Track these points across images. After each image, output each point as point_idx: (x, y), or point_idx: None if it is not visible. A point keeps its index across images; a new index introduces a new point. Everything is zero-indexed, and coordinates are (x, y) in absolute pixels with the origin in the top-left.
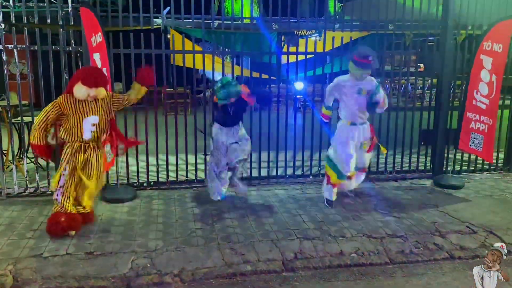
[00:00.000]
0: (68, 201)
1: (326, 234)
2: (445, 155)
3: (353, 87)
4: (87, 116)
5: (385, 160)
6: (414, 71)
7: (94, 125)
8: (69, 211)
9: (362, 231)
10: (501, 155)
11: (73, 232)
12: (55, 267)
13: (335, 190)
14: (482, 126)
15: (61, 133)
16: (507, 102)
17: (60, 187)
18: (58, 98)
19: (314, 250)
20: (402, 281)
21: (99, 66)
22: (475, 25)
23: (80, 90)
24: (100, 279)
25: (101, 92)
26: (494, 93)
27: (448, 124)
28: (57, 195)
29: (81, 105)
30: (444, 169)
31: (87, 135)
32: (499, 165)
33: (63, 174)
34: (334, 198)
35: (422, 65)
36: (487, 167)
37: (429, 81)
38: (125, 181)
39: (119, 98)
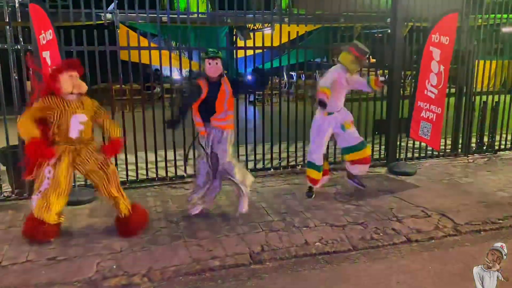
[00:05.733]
0: (47, 212)
1: (290, 225)
2: (398, 143)
3: (343, 78)
4: (76, 113)
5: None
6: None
7: (82, 123)
8: (46, 222)
9: (325, 220)
10: (448, 142)
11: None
12: (15, 275)
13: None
14: (431, 115)
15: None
16: (453, 90)
17: (39, 192)
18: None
19: (280, 241)
20: (365, 266)
21: (49, 64)
22: (421, 18)
23: (64, 79)
24: (65, 284)
25: (82, 85)
26: (443, 83)
27: (400, 113)
28: (34, 201)
29: (68, 103)
30: (397, 157)
31: (73, 134)
32: (447, 151)
33: (47, 178)
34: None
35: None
36: (437, 153)
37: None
38: (83, 183)
39: (100, 110)
